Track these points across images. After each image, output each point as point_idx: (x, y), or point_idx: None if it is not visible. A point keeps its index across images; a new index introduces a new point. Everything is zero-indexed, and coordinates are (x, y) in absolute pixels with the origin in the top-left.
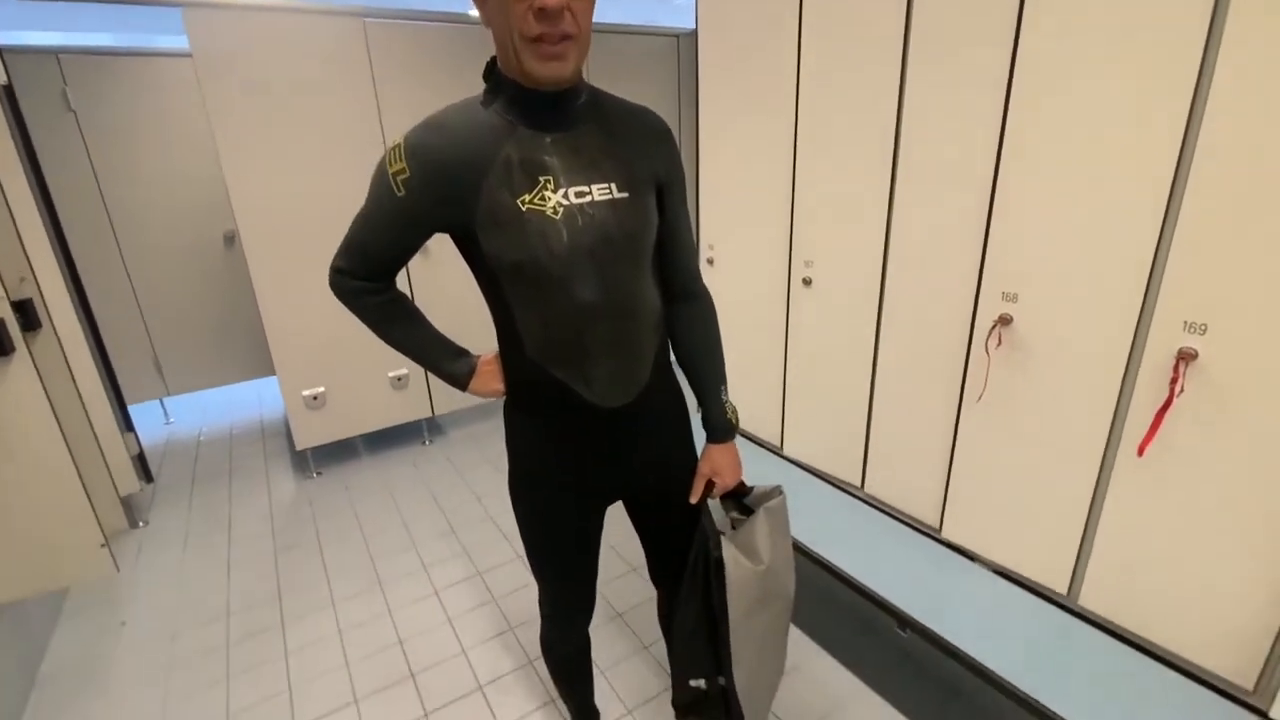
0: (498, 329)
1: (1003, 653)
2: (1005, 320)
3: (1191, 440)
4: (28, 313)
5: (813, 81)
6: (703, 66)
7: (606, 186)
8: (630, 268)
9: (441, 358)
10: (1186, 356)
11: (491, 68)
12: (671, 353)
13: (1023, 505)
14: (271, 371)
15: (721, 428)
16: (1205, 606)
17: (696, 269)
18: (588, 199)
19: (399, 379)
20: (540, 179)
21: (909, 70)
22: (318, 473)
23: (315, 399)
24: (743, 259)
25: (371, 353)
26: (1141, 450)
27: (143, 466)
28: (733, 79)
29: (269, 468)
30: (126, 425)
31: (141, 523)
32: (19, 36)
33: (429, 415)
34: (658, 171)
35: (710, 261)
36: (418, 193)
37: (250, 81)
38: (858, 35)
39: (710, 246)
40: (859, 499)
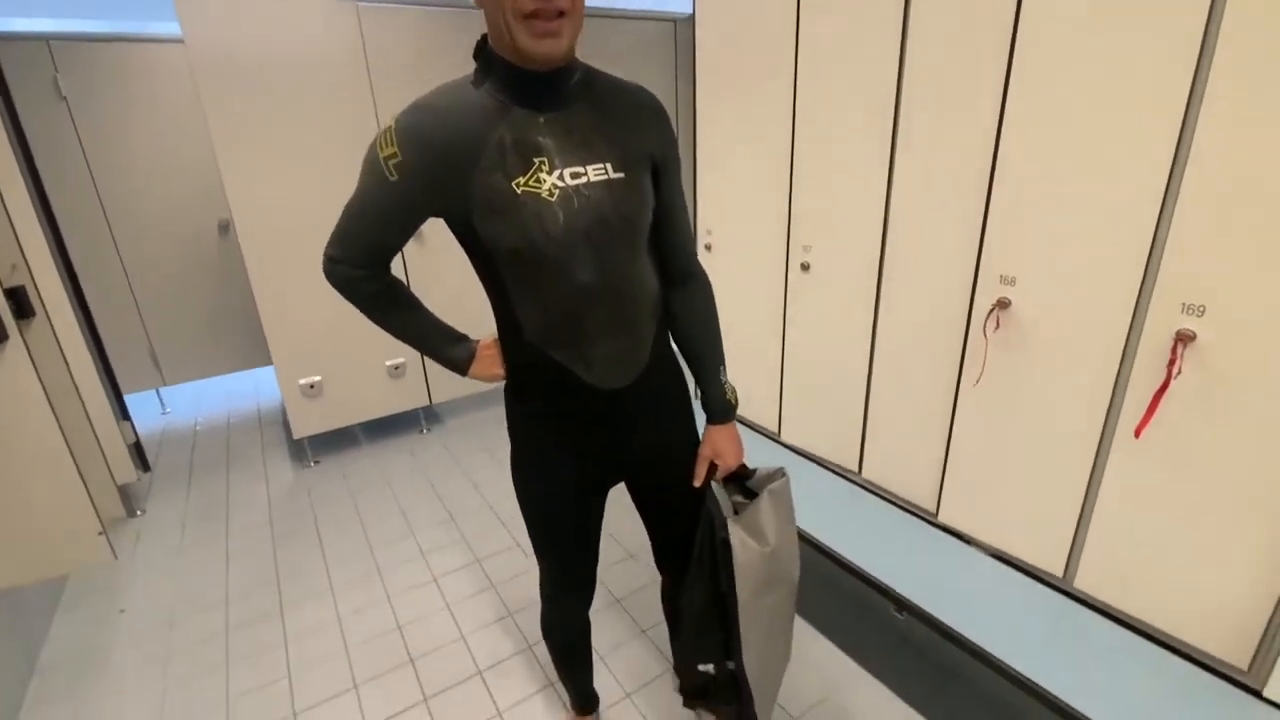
0: (496, 314)
1: (999, 635)
2: (1003, 304)
3: (1188, 423)
4: (20, 300)
5: (809, 69)
6: (700, 52)
7: (602, 167)
8: (627, 249)
9: (441, 344)
10: (1184, 339)
11: (482, 46)
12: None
13: (1019, 488)
14: (268, 361)
15: (721, 408)
16: (1200, 588)
17: (693, 249)
18: (583, 180)
19: (396, 367)
20: (535, 160)
21: (909, 52)
22: (315, 461)
23: (312, 388)
24: (741, 244)
25: (368, 341)
26: (1138, 433)
27: (139, 455)
28: (729, 65)
29: (266, 457)
30: (122, 414)
31: (139, 511)
32: (9, 23)
33: (426, 404)
34: (653, 151)
35: (708, 247)
36: (410, 177)
37: (244, 68)
38: (857, 15)
39: (708, 232)
40: (856, 484)
